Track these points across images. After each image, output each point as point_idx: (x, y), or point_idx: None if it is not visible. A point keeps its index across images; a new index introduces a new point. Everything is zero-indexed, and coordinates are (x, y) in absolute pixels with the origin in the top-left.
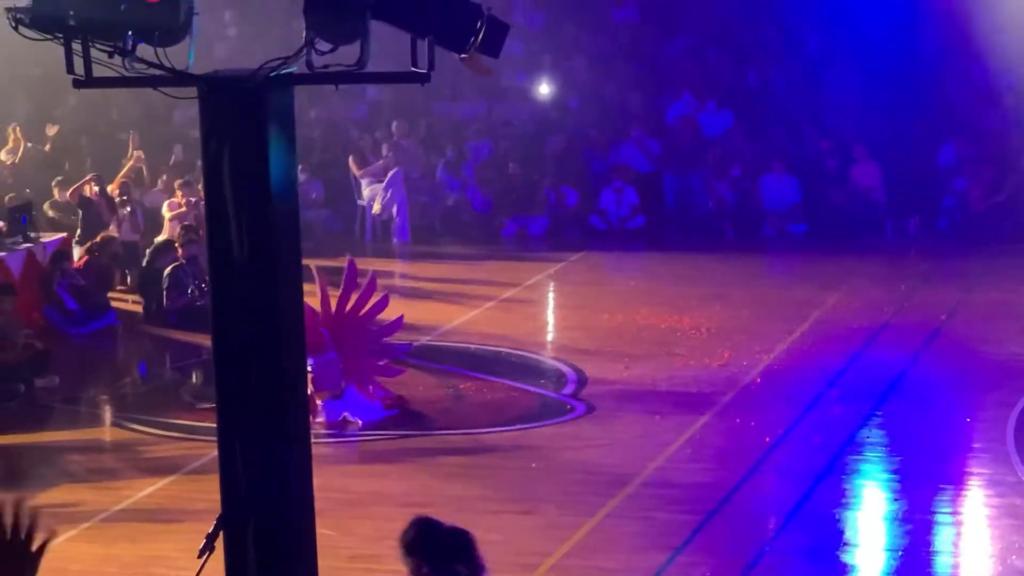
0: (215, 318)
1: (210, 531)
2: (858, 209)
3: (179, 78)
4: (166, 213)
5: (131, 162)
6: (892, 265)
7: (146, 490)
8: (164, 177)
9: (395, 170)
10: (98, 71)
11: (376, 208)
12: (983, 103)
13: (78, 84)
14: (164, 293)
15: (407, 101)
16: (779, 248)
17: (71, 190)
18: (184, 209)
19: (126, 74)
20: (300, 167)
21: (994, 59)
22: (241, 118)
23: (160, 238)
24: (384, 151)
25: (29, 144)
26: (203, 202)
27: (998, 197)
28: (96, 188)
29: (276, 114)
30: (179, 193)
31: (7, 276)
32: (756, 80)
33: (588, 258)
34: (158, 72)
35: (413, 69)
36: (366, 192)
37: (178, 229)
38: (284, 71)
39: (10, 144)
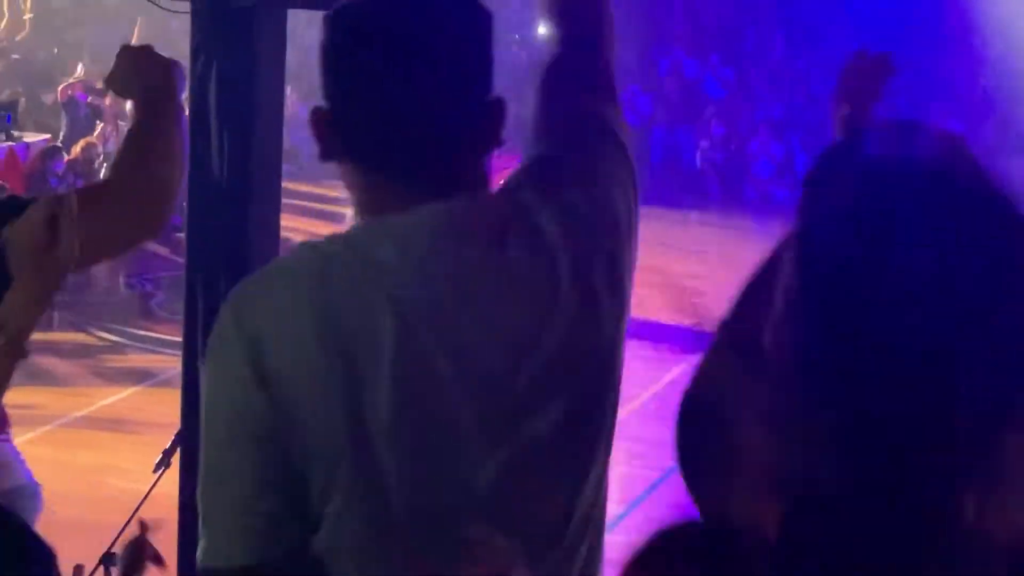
0: (189, 233)
1: (167, 447)
2: None
3: None
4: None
5: None
6: None
7: (108, 399)
8: None
9: None
10: None
11: None
12: (978, 73)
13: None
14: None
15: None
16: (762, 211)
17: (60, 88)
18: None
19: None
20: (289, 89)
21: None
22: (232, 34)
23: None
24: None
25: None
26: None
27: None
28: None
29: (267, 33)
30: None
31: None
32: (753, 40)
33: None
34: None
35: None
36: None
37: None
38: None
39: None
